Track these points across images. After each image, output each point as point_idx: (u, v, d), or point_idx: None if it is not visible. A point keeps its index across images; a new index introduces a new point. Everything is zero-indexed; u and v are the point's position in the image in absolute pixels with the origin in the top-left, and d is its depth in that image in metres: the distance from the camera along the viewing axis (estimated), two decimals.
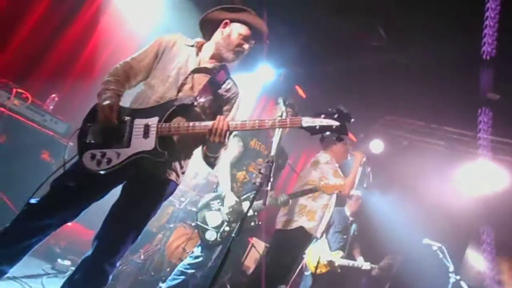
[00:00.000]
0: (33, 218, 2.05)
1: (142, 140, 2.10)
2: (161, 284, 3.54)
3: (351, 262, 5.24)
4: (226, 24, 2.41)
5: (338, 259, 5.19)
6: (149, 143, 2.08)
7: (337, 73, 6.22)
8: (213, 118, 2.13)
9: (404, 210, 6.72)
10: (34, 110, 4.03)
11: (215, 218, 3.59)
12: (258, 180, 2.08)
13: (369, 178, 4.45)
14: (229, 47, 2.38)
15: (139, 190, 2.20)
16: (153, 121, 2.13)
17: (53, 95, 4.36)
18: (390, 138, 7.24)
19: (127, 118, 2.15)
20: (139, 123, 2.14)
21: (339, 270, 5.21)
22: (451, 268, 4.53)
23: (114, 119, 2.09)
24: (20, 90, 3.91)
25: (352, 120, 1.99)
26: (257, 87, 6.85)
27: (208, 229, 3.54)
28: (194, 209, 4.48)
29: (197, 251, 3.63)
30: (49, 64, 4.62)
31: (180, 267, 3.62)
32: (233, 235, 1.90)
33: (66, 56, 4.75)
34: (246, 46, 2.40)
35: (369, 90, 5.95)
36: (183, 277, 3.51)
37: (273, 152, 2.16)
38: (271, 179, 2.07)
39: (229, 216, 3.52)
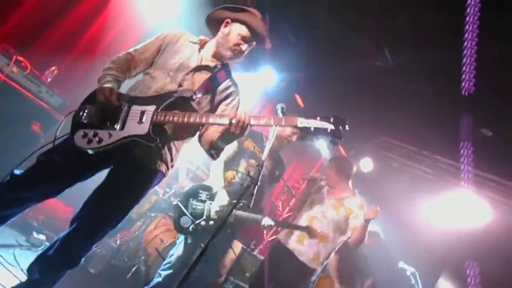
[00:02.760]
0: (14, 189, 2.04)
1: (136, 124, 2.09)
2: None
3: None
4: (227, 23, 2.41)
5: None
6: (143, 128, 2.08)
7: (337, 86, 6.24)
8: None
9: (384, 231, 6.74)
10: (31, 80, 3.99)
11: (197, 208, 3.44)
12: (246, 182, 2.00)
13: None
14: (227, 46, 2.37)
15: (126, 177, 2.18)
16: (150, 108, 2.13)
17: (53, 68, 4.32)
18: (381, 158, 7.28)
19: (124, 103, 2.15)
20: (136, 109, 2.14)
21: None
22: None
23: (114, 101, 2.09)
24: (20, 58, 3.87)
25: (347, 127, 1.96)
26: (258, 89, 6.82)
27: (185, 215, 3.40)
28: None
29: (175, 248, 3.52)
30: (54, 36, 4.58)
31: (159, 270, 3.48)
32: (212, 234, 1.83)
33: (71, 31, 4.71)
34: (244, 46, 2.38)
35: (367, 109, 5.97)
36: (159, 279, 3.38)
37: (264, 156, 2.05)
38: (258, 183, 2.02)
39: (215, 214, 3.38)
